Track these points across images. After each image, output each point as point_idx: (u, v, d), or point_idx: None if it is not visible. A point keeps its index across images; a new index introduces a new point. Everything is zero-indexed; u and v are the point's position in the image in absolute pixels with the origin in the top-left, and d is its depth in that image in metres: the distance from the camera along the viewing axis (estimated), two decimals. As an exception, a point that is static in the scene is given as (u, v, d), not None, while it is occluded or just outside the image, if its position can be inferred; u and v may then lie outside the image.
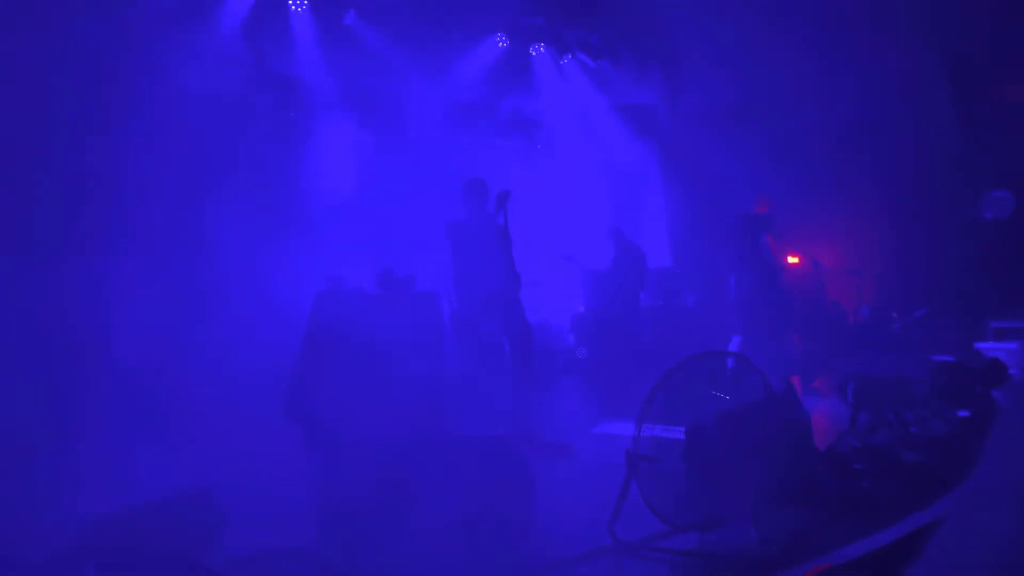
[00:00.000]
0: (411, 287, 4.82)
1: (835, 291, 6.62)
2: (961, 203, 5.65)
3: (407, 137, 6.22)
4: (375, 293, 4.68)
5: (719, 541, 2.35)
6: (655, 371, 2.56)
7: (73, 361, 3.63)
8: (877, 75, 6.02)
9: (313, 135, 5.74)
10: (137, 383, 3.73)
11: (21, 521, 2.69)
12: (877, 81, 6.03)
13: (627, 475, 2.46)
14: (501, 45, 6.38)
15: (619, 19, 6.75)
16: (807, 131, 6.45)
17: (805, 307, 6.02)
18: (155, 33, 4.28)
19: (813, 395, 4.82)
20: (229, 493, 2.59)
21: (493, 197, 4.22)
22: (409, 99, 6.18)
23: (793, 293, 5.92)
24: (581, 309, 6.87)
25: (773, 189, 5.85)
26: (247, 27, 5.07)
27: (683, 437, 2.47)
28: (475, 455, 3.43)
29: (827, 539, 2.11)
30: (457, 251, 4.27)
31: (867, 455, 2.87)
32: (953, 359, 3.47)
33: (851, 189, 6.38)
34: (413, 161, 6.18)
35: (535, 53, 6.69)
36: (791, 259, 6.55)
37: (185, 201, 4.34)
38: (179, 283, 4.22)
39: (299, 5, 5.45)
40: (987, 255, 5.40)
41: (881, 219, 6.30)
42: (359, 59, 5.77)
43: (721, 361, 2.66)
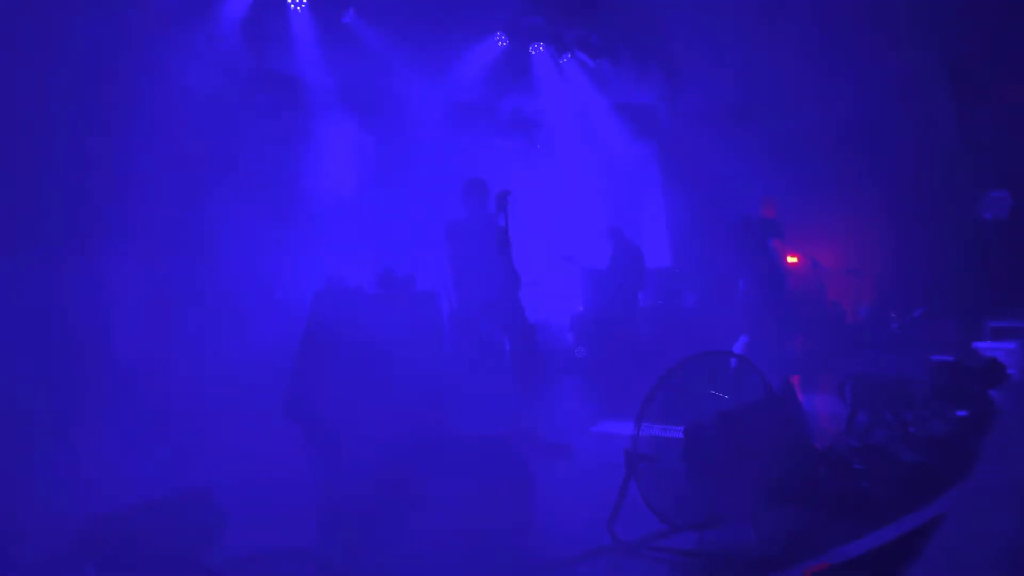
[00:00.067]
0: (411, 287, 4.83)
1: (834, 291, 6.63)
2: (960, 203, 5.65)
3: (406, 136, 6.21)
4: (375, 292, 4.69)
5: (718, 541, 2.36)
6: (654, 371, 2.57)
7: (73, 360, 3.63)
8: (876, 76, 6.03)
9: (312, 134, 5.74)
10: (137, 382, 3.73)
11: (21, 521, 2.69)
12: (876, 82, 6.04)
13: (626, 475, 2.47)
14: (500, 44, 6.38)
15: (618, 18, 6.75)
16: (806, 131, 6.46)
17: (805, 307, 6.03)
18: (154, 32, 4.27)
19: (812, 395, 4.83)
20: (229, 493, 2.59)
21: (493, 197, 4.22)
22: (409, 98, 6.17)
23: (797, 295, 5.93)
24: (580, 309, 6.87)
25: (772, 189, 5.86)
26: (246, 26, 5.07)
27: (682, 437, 2.47)
28: (475, 455, 3.44)
29: (826, 539, 2.12)
30: (457, 251, 4.27)
31: (866, 455, 2.88)
32: (951, 359, 3.47)
33: (850, 189, 6.38)
34: (413, 160, 6.18)
35: (534, 52, 6.69)
36: (790, 259, 6.55)
37: (184, 200, 4.34)
38: (179, 283, 4.22)
39: (298, 4, 5.44)
40: (985, 255, 5.41)
41: (880, 219, 6.31)
42: (358, 58, 5.76)
43: (720, 361, 2.66)
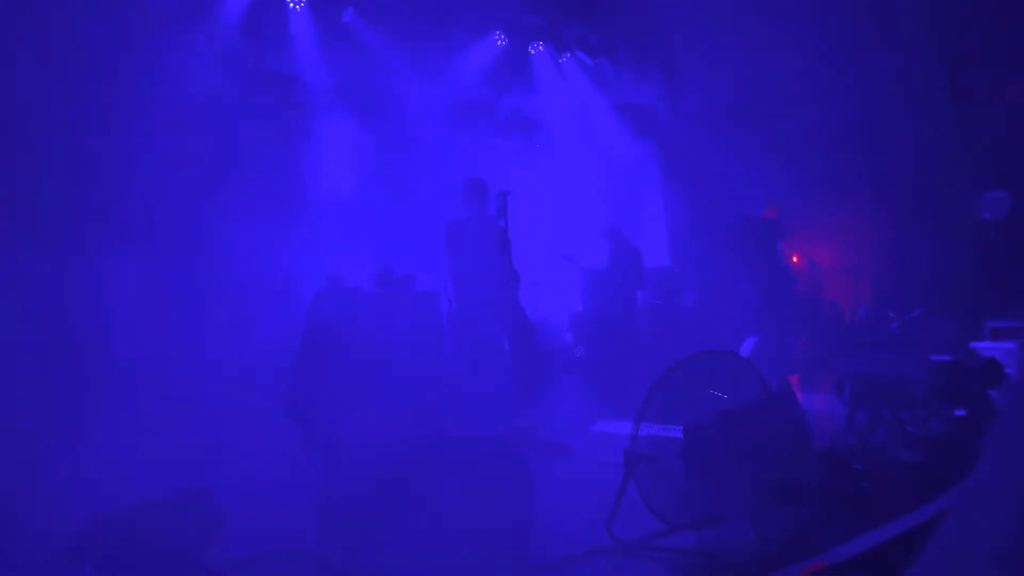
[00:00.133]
0: (410, 286, 4.82)
1: (833, 291, 6.63)
2: (959, 203, 5.66)
3: (406, 135, 6.21)
4: (374, 292, 4.68)
5: (717, 540, 2.36)
6: (653, 370, 2.57)
7: (72, 360, 3.62)
8: (875, 76, 6.03)
9: (311, 133, 5.73)
10: (136, 382, 3.72)
11: (20, 520, 2.69)
12: (875, 81, 6.04)
13: (625, 474, 2.47)
14: (500, 43, 6.37)
15: (618, 18, 6.75)
16: (806, 131, 6.46)
17: (805, 307, 6.04)
18: (153, 32, 4.27)
19: (811, 394, 4.83)
20: (228, 492, 2.59)
21: (493, 197, 4.22)
22: (408, 97, 6.17)
23: (801, 295, 5.95)
24: (579, 308, 6.87)
25: (771, 189, 5.86)
26: (245, 25, 5.06)
27: (681, 436, 2.47)
28: (474, 455, 3.44)
29: (824, 538, 2.12)
30: (456, 250, 4.27)
31: (864, 454, 2.88)
32: (950, 359, 3.48)
33: (849, 189, 6.38)
34: (412, 159, 6.17)
35: (534, 52, 6.68)
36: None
37: (183, 200, 4.34)
38: (178, 282, 4.22)
39: (297, 3, 5.43)
40: (984, 255, 5.41)
41: (879, 219, 6.31)
42: (357, 57, 5.75)
43: (719, 361, 2.66)
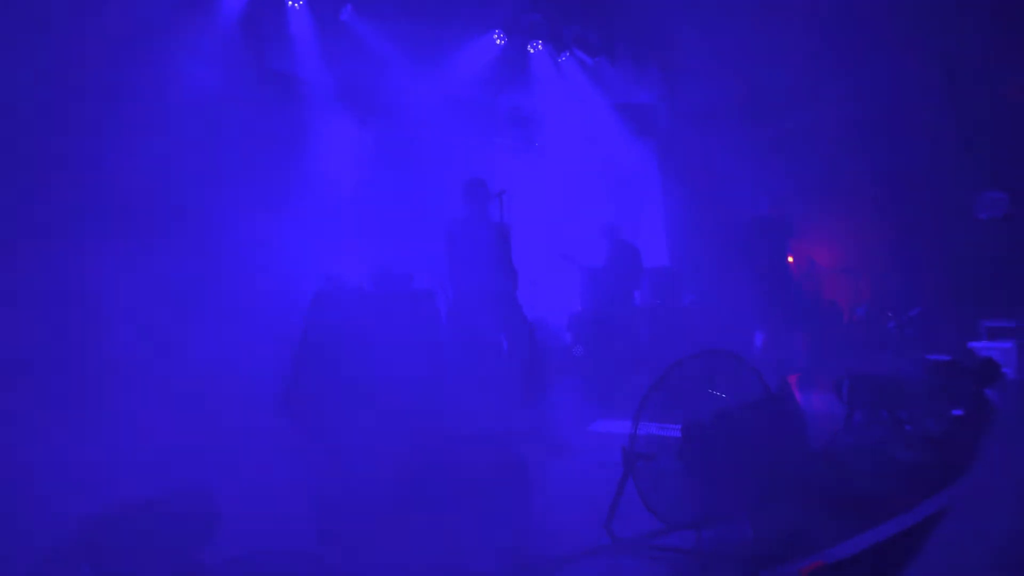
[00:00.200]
0: (409, 285, 4.82)
1: (831, 291, 6.64)
2: (957, 204, 5.67)
3: (404, 133, 6.20)
4: (372, 291, 4.68)
5: (715, 539, 2.36)
6: (652, 370, 2.57)
7: (69, 358, 3.61)
8: (874, 75, 6.04)
9: (310, 131, 5.72)
10: (134, 381, 3.72)
11: (16, 520, 2.68)
12: (874, 81, 6.05)
13: (624, 473, 2.47)
14: (499, 42, 6.36)
15: (617, 16, 6.74)
16: (804, 131, 6.46)
17: (804, 307, 6.05)
18: (152, 31, 4.25)
19: (809, 394, 4.84)
20: (225, 492, 2.59)
21: (492, 196, 4.22)
22: (406, 95, 6.16)
23: (805, 294, 5.98)
24: (578, 308, 6.87)
25: (770, 189, 5.87)
26: (244, 24, 5.05)
27: (680, 436, 2.48)
28: (472, 454, 3.44)
29: (822, 537, 2.13)
30: (456, 249, 4.26)
31: (862, 454, 2.89)
32: (947, 358, 3.50)
33: (847, 189, 6.39)
34: (410, 158, 6.16)
35: (533, 50, 6.68)
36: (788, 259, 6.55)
37: (182, 198, 4.33)
38: (175, 281, 4.21)
39: (296, 1, 5.42)
40: (982, 255, 5.43)
41: (877, 219, 6.33)
42: (356, 55, 5.74)
43: (718, 360, 2.66)
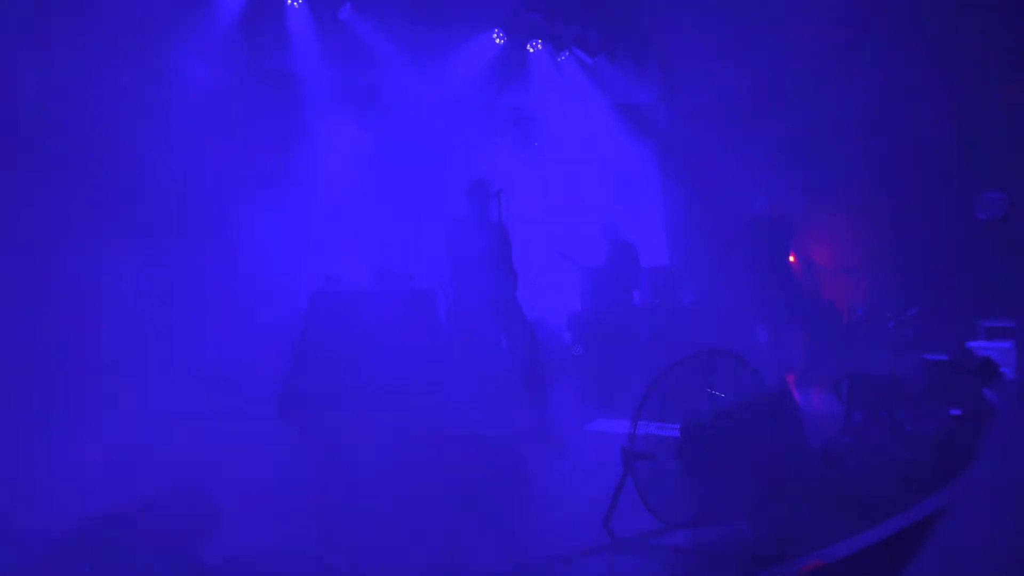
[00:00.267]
0: (408, 285, 4.82)
1: (830, 290, 6.65)
2: (956, 204, 5.68)
3: (403, 133, 6.19)
4: (372, 290, 4.68)
5: (714, 538, 2.37)
6: (651, 369, 2.58)
7: (67, 357, 3.61)
8: (873, 75, 6.04)
9: (308, 130, 5.71)
10: (133, 380, 3.71)
11: (15, 520, 2.68)
12: (873, 81, 6.05)
13: (623, 473, 2.48)
14: (498, 41, 6.35)
15: (617, 16, 6.74)
16: (802, 131, 6.47)
17: (803, 306, 6.07)
18: (151, 30, 4.25)
19: (808, 393, 4.85)
20: (225, 491, 2.59)
21: (492, 195, 4.21)
22: (406, 95, 6.15)
23: (804, 293, 6.01)
24: (578, 307, 6.88)
25: (769, 188, 5.87)
26: (243, 23, 5.04)
27: (678, 435, 2.48)
28: (471, 453, 3.44)
29: (820, 536, 2.13)
30: (455, 249, 4.26)
31: (861, 453, 2.90)
32: (946, 358, 3.50)
33: (846, 189, 6.40)
34: (410, 157, 6.16)
35: (532, 50, 6.67)
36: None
37: (181, 197, 4.32)
38: (174, 279, 4.20)
39: (295, 0, 5.40)
40: (981, 255, 5.43)
41: (876, 219, 6.33)
42: (355, 54, 5.73)
43: (717, 360, 2.67)
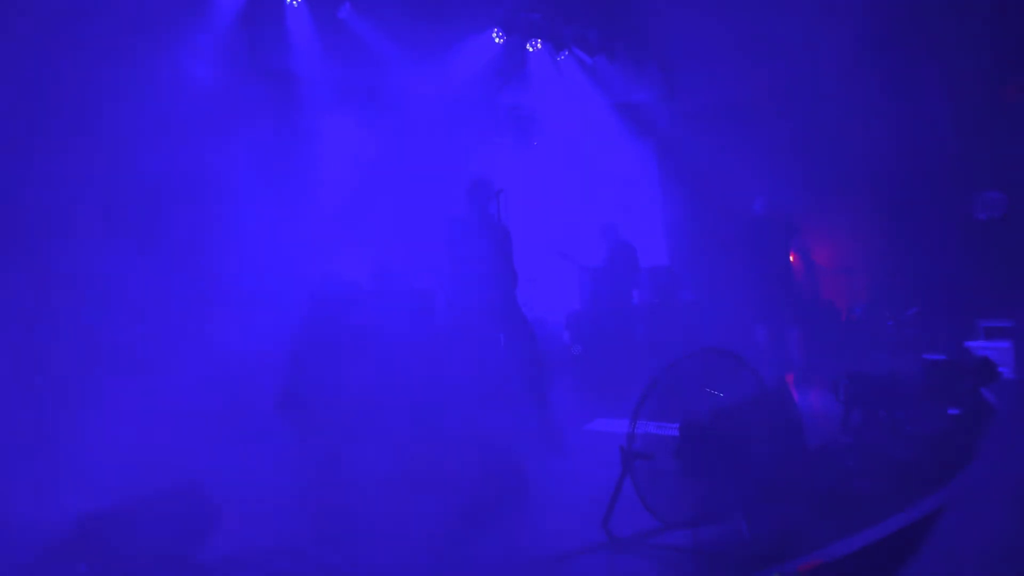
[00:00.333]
0: (408, 284, 4.81)
1: (829, 290, 6.66)
2: (955, 203, 5.69)
3: (403, 132, 6.18)
4: (371, 289, 4.68)
5: (712, 538, 2.37)
6: (650, 369, 2.58)
7: (66, 356, 3.60)
8: (872, 75, 6.05)
9: (307, 130, 5.71)
10: (130, 378, 3.71)
11: (13, 519, 2.68)
12: (872, 81, 6.05)
13: (622, 472, 2.48)
14: (498, 40, 6.35)
15: (616, 15, 6.74)
16: (802, 130, 6.47)
17: (802, 306, 6.08)
18: (149, 29, 4.24)
19: (806, 392, 4.85)
20: (224, 491, 2.59)
21: (492, 195, 4.21)
22: (405, 94, 6.15)
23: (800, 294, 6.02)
24: (577, 307, 6.88)
25: (768, 188, 5.87)
26: (242, 21, 5.03)
27: (677, 434, 2.48)
28: (470, 452, 3.44)
29: (818, 536, 2.13)
30: (455, 248, 4.25)
31: (858, 452, 2.90)
32: (944, 358, 3.51)
33: (846, 189, 6.40)
34: (409, 156, 6.15)
35: (532, 49, 6.67)
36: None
37: (179, 196, 4.32)
38: (172, 278, 4.20)
39: (294, -1, 5.39)
40: (979, 255, 5.44)
41: (875, 219, 6.34)
42: (354, 54, 5.73)
43: (715, 359, 2.67)
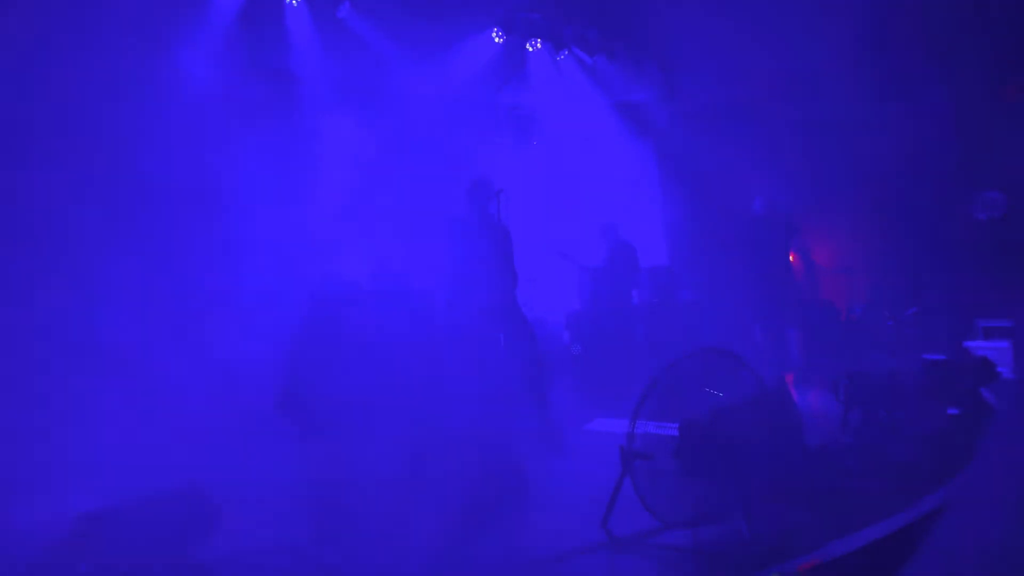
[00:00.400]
0: (407, 284, 4.81)
1: (829, 290, 6.66)
2: (954, 203, 5.69)
3: (402, 132, 6.18)
4: (371, 289, 4.68)
5: (711, 537, 2.37)
6: (650, 368, 2.58)
7: (66, 356, 3.61)
8: (872, 75, 6.05)
9: (307, 129, 5.70)
10: (129, 377, 3.71)
11: (13, 518, 2.68)
12: (871, 80, 6.06)
13: (621, 472, 2.48)
14: (497, 40, 6.35)
15: (616, 15, 6.73)
16: (802, 130, 6.47)
17: (802, 305, 6.08)
18: (148, 29, 4.23)
19: (806, 392, 4.86)
20: (224, 490, 2.59)
21: (493, 194, 4.20)
22: (404, 93, 6.14)
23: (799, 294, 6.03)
24: (577, 307, 6.87)
25: (767, 188, 5.88)
26: (241, 21, 5.02)
27: (677, 434, 2.48)
28: (470, 452, 3.44)
29: (818, 536, 2.13)
30: (455, 248, 4.24)
31: (858, 452, 2.90)
32: (943, 357, 3.51)
33: (846, 188, 6.41)
34: (408, 156, 6.15)
35: (531, 49, 6.67)
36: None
37: (179, 196, 4.32)
38: (172, 278, 4.20)
39: (293, -2, 5.38)
40: (978, 255, 5.44)
41: (875, 218, 6.34)
42: (354, 53, 5.72)
43: (715, 359, 2.67)
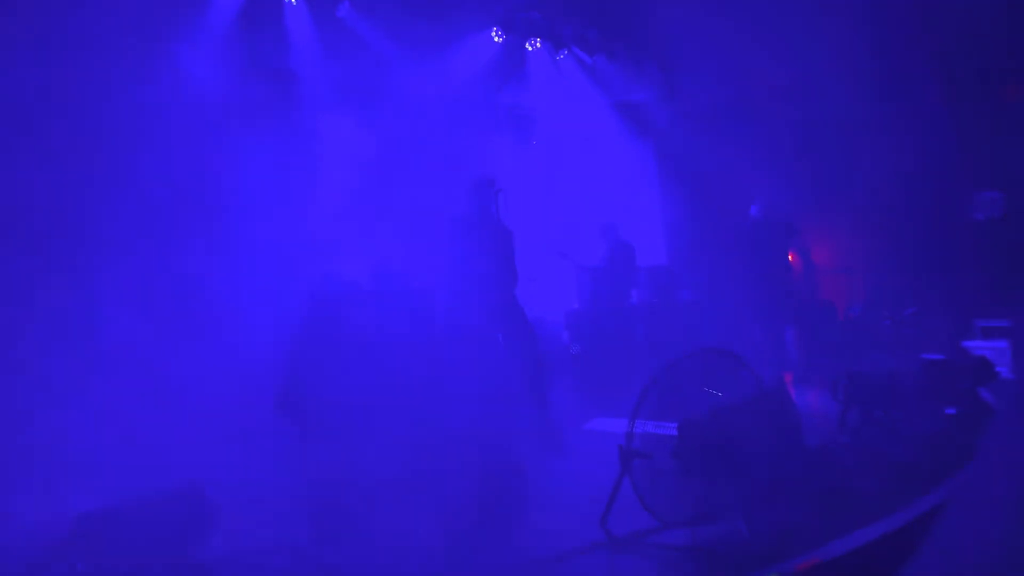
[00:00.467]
0: (406, 283, 4.81)
1: (827, 289, 6.67)
2: (953, 203, 5.70)
3: (402, 131, 6.18)
4: (370, 288, 4.67)
5: (710, 537, 2.37)
6: (649, 368, 2.58)
7: (65, 356, 3.60)
8: (872, 75, 6.05)
9: (306, 129, 5.70)
10: (128, 377, 3.71)
11: (12, 518, 2.68)
12: (871, 81, 6.06)
13: (620, 471, 2.48)
14: (497, 39, 6.34)
15: (616, 14, 6.74)
16: (802, 130, 6.48)
17: (801, 305, 6.09)
18: (147, 29, 4.22)
19: (804, 392, 4.87)
20: (223, 490, 2.59)
21: (493, 194, 4.20)
22: (404, 93, 6.14)
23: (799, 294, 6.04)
24: (576, 306, 6.88)
25: (767, 188, 5.88)
26: (240, 20, 5.01)
27: (676, 434, 2.49)
28: (470, 452, 3.44)
29: (816, 535, 2.13)
30: (455, 247, 4.24)
31: (857, 452, 2.90)
32: (942, 357, 3.51)
33: (845, 188, 6.41)
34: (408, 155, 6.14)
35: (531, 48, 6.67)
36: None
37: (179, 196, 4.31)
38: (172, 277, 4.20)
39: (293, -3, 5.37)
40: (977, 255, 5.45)
41: (874, 218, 6.35)
42: (353, 52, 5.72)
43: (714, 359, 2.67)
